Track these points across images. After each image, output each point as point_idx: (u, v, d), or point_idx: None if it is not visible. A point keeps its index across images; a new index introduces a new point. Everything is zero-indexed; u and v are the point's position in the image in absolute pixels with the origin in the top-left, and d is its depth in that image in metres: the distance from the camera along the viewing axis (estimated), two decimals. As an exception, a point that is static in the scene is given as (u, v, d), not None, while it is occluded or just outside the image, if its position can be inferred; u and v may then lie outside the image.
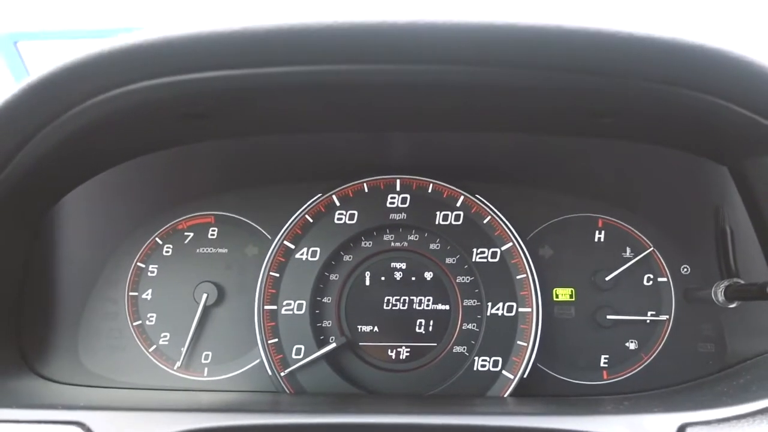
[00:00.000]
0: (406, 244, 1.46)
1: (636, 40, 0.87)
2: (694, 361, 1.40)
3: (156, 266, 1.50)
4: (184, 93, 0.96)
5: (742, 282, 1.27)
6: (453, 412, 0.99)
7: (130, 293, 1.49)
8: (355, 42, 0.87)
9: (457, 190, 1.45)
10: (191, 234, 1.51)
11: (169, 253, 1.51)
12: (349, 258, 1.46)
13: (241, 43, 0.88)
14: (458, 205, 1.45)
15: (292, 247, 1.43)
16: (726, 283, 1.28)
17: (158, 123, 1.15)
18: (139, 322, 1.48)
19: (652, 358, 1.42)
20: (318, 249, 1.44)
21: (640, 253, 1.46)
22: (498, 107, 1.13)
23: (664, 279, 1.46)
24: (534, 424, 0.96)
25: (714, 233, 1.35)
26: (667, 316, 1.44)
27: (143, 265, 1.50)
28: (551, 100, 1.03)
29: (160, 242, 1.51)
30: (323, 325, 1.43)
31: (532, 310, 1.39)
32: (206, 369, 1.46)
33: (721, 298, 1.29)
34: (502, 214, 1.44)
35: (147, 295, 1.49)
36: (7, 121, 0.99)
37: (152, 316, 1.49)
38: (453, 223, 1.45)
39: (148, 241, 1.51)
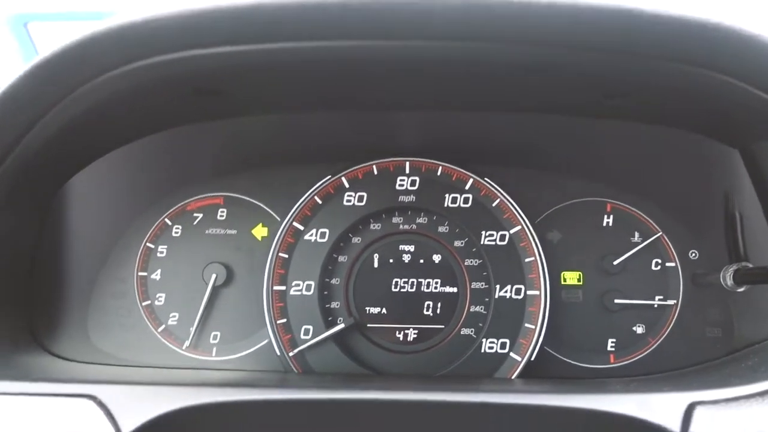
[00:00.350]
0: (414, 226, 1.46)
1: (650, 17, 0.87)
2: (702, 345, 1.40)
3: (165, 246, 1.51)
4: (196, 68, 0.97)
5: (751, 266, 1.27)
6: (462, 390, 1.00)
7: (140, 273, 1.50)
8: (369, 18, 0.87)
9: (466, 173, 1.46)
10: (200, 215, 1.52)
11: (179, 234, 1.51)
12: (358, 240, 1.46)
13: (254, 18, 0.89)
14: (467, 188, 1.45)
15: (302, 228, 1.44)
16: (735, 267, 1.29)
17: (168, 100, 1.15)
18: (148, 302, 1.49)
19: (659, 342, 1.43)
20: (327, 230, 1.44)
21: (649, 238, 1.46)
22: (511, 85, 1.13)
23: (672, 264, 1.46)
24: (542, 402, 0.97)
25: (723, 218, 1.35)
26: (675, 301, 1.44)
27: (152, 246, 1.51)
28: (565, 78, 1.03)
29: (170, 223, 1.51)
30: (332, 306, 1.44)
31: (540, 293, 1.39)
32: (215, 349, 1.47)
33: (729, 282, 1.29)
34: (511, 198, 1.45)
35: (156, 275, 1.50)
36: (18, 99, 1.00)
37: (161, 296, 1.49)
38: (462, 206, 1.45)
39: (157, 222, 1.51)
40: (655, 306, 1.44)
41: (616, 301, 1.44)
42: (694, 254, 1.46)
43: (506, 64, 0.99)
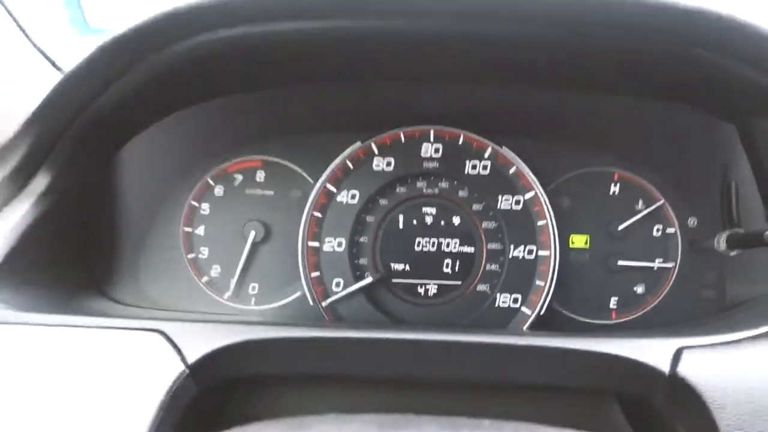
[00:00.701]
0: (437, 190, 1.59)
1: (663, 7, 1.01)
2: (697, 304, 1.54)
3: (208, 205, 1.65)
4: (258, 41, 1.12)
5: (743, 231, 1.40)
6: (475, 334, 1.13)
7: (185, 229, 1.64)
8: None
9: (486, 141, 1.58)
10: (240, 176, 1.65)
11: (220, 194, 1.65)
12: (385, 202, 1.59)
13: None
14: (486, 155, 1.58)
15: (334, 190, 1.57)
16: (728, 232, 1.41)
17: (222, 71, 1.29)
18: (193, 255, 1.64)
19: (658, 301, 1.56)
20: (357, 192, 1.58)
21: (652, 206, 1.59)
22: (533, 62, 1.26)
23: (673, 230, 1.58)
24: (545, 344, 1.10)
25: (720, 188, 1.47)
26: (674, 264, 1.57)
27: (196, 204, 1.65)
28: (582, 57, 1.17)
29: (212, 183, 1.65)
30: (360, 261, 1.58)
31: (551, 253, 1.52)
32: (253, 299, 1.62)
33: (723, 246, 1.42)
34: (527, 166, 1.57)
35: (200, 230, 1.65)
36: (95, 67, 1.15)
37: (204, 250, 1.64)
38: (481, 172, 1.58)
39: (200, 182, 1.65)
40: (655, 268, 1.57)
41: (620, 263, 1.57)
42: (693, 221, 1.58)
43: (533, 45, 1.13)
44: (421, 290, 1.57)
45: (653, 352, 1.05)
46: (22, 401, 0.96)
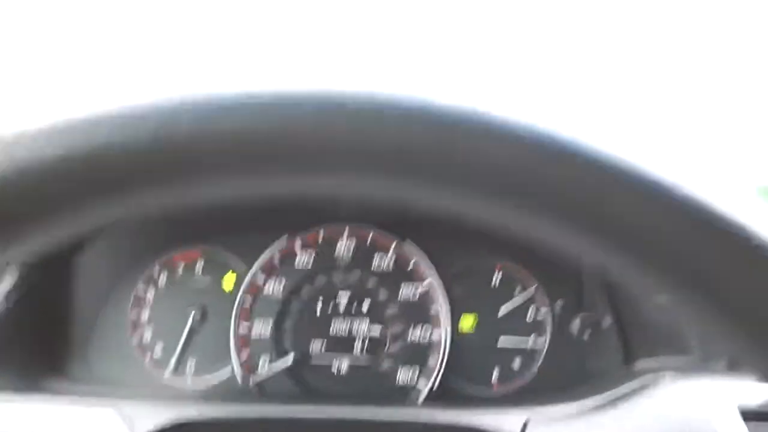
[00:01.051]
0: (349, 281, 1.87)
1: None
2: (563, 377, 1.83)
3: (152, 292, 1.89)
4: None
5: (590, 316, 1.74)
6: (366, 409, 1.41)
7: (130, 314, 1.88)
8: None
9: (391, 238, 1.87)
10: (182, 265, 1.90)
11: (163, 282, 1.89)
12: (305, 291, 1.86)
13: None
14: (391, 250, 1.87)
15: (261, 282, 1.84)
16: (580, 316, 1.75)
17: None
18: (137, 337, 1.87)
19: (532, 374, 1.85)
20: (281, 283, 1.85)
21: (527, 290, 1.89)
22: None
23: (544, 310, 1.88)
24: (416, 417, 1.38)
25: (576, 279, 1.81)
26: (545, 341, 1.87)
27: (141, 292, 1.89)
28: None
29: (156, 273, 1.89)
30: (284, 343, 1.84)
31: (444, 334, 1.82)
32: (191, 377, 1.85)
33: (576, 328, 1.75)
34: (427, 258, 1.86)
35: (144, 316, 1.88)
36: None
37: (148, 333, 1.87)
38: (387, 264, 1.88)
39: (145, 273, 1.90)
40: (531, 346, 1.87)
41: (502, 340, 1.86)
42: (560, 304, 1.88)
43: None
44: (335, 368, 1.83)
45: (506, 423, 1.32)
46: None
